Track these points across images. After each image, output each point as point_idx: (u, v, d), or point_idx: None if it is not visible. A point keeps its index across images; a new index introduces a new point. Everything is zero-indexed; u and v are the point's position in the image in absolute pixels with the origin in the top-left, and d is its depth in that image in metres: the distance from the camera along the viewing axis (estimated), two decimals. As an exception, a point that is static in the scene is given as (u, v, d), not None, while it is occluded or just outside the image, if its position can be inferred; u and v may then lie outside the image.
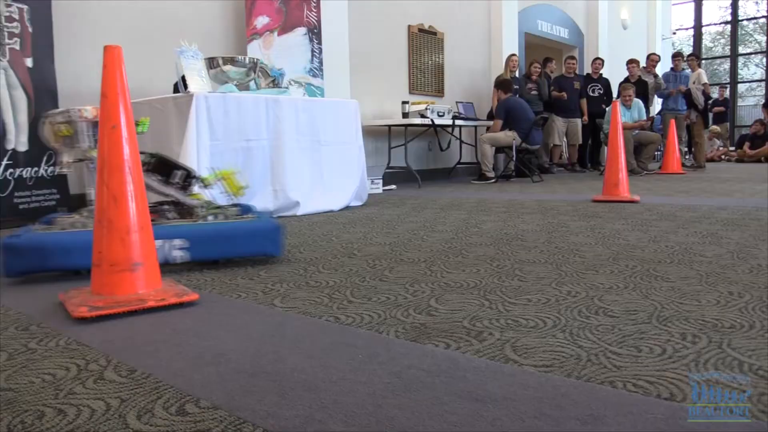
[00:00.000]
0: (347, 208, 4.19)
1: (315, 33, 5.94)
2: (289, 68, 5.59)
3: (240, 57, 4.12)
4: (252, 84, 4.20)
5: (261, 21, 5.61)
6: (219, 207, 2.50)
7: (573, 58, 8.83)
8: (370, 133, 6.74)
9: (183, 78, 3.82)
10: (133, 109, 4.01)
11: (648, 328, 1.38)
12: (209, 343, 1.37)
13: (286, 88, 4.35)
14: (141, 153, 2.38)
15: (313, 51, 5.92)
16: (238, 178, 2.55)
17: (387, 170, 6.52)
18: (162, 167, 2.44)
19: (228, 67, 4.01)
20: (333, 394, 1.06)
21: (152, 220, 2.15)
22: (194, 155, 3.43)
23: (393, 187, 6.25)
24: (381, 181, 5.76)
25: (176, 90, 3.94)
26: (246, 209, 2.57)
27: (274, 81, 4.35)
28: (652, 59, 9.07)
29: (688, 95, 8.78)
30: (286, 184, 3.83)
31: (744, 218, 3.27)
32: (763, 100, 14.23)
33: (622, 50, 12.06)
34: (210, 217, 2.39)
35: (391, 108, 6.91)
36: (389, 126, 6.64)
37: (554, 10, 10.54)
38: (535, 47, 10.30)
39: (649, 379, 1.09)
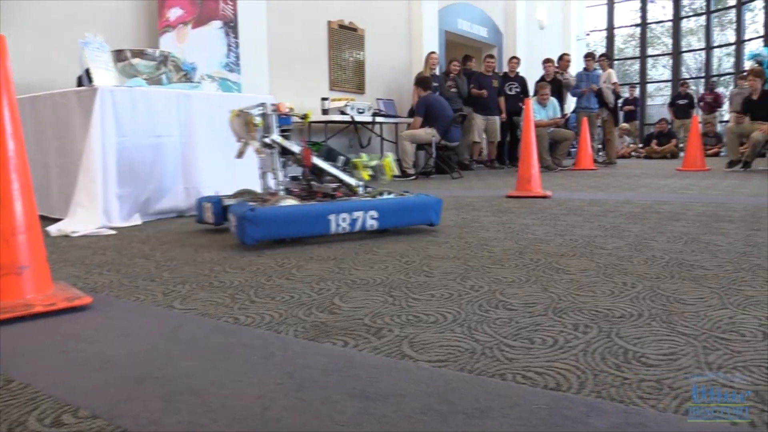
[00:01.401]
0: (263, 205, 4.12)
1: (231, 27, 5.81)
2: (204, 62, 5.44)
3: (150, 50, 3.98)
4: (163, 78, 4.06)
5: (174, 13, 5.45)
6: (370, 187, 2.92)
7: (492, 56, 9.04)
8: (289, 129, 6.65)
9: (87, 71, 3.65)
10: (36, 102, 3.81)
11: (543, 320, 1.42)
12: (98, 348, 1.31)
13: (199, 83, 4.23)
14: (308, 142, 2.94)
15: (229, 45, 5.80)
16: (392, 165, 3.00)
17: (307, 167, 6.46)
18: (328, 154, 2.88)
19: (137, 60, 3.86)
20: (221, 397, 1.03)
21: (340, 197, 2.77)
22: (99, 151, 3.28)
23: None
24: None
25: (80, 84, 3.76)
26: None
27: (187, 75, 4.22)
28: (565, 59, 9.39)
29: (599, 94, 9.15)
30: (199, 183, 3.72)
31: (645, 212, 3.43)
32: (670, 100, 15.02)
33: (540, 50, 12.43)
34: (388, 194, 2.86)
35: (310, 104, 6.84)
36: (309, 122, 6.58)
37: (474, 9, 10.74)
38: (456, 45, 10.47)
39: (538, 370, 1.11)
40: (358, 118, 6.63)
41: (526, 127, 4.47)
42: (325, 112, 6.48)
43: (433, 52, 8.10)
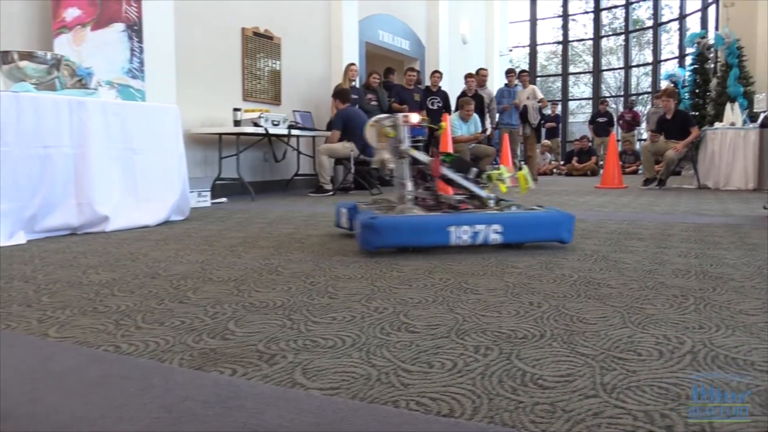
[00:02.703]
0: (165, 223, 4.00)
1: (135, 30, 5.65)
2: (104, 68, 5.26)
3: (40, 52, 3.80)
4: (56, 83, 3.89)
5: (71, 13, 5.24)
6: (503, 200, 3.08)
7: (413, 69, 9.17)
8: (199, 141, 6.53)
9: (-33, 74, 3.46)
10: None
11: (445, 343, 1.43)
12: (-48, 384, 1.22)
13: (95, 89, 4.07)
14: (442, 153, 3.10)
15: (132, 50, 5.62)
16: (526, 178, 3.17)
17: (217, 182, 6.34)
18: (459, 165, 3.04)
19: (24, 63, 3.69)
20: (88, 435, 0.98)
21: (465, 209, 2.92)
22: (-23, 163, 3.10)
23: (223, 200, 6.09)
24: (209, 194, 5.58)
25: (-43, 87, 3.55)
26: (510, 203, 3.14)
27: (82, 81, 4.06)
28: (482, 74, 9.62)
29: (524, 111, 9.45)
30: (93, 197, 3.57)
31: (560, 230, 3.55)
32: (590, 117, 15.70)
33: (463, 64, 12.76)
34: (513, 208, 2.97)
35: (222, 115, 6.74)
36: (220, 134, 6.47)
37: (395, 21, 10.90)
38: (376, 57, 10.59)
39: (432, 396, 1.12)
40: (273, 130, 6.56)
41: (443, 143, 4.55)
42: (237, 123, 6.38)
43: (352, 64, 8.15)
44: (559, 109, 16.77)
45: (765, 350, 1.35)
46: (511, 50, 18.67)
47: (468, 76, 9.43)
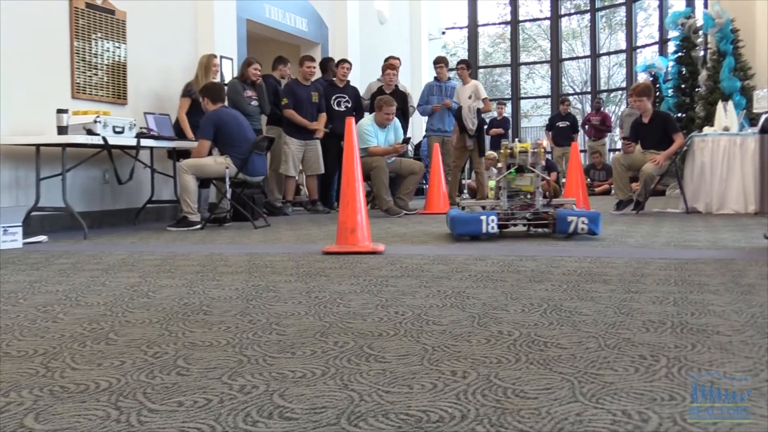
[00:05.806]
0: (-47, 273, 3.85)
1: None
2: None
3: None
4: None
5: None
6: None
7: (312, 59, 9.20)
8: (7, 156, 6.34)
9: None
10: None
11: (330, 432, 1.42)
12: None
13: None
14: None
15: None
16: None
17: (35, 213, 6.16)
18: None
19: None
20: None
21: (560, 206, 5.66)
22: None
23: (42, 238, 5.90)
24: (20, 230, 5.40)
25: None
26: None
27: None
28: (391, 64, 9.72)
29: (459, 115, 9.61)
30: None
31: (502, 271, 3.63)
32: (548, 122, 16.19)
33: (380, 51, 12.94)
34: (573, 207, 5.72)
35: (42, 119, 6.56)
36: (38, 146, 6.28)
37: (288, -8, 10.99)
38: (263, 41, 10.64)
39: None
40: (115, 140, 6.43)
41: (347, 157, 4.58)
42: (63, 130, 6.20)
43: (213, 56, 8.02)
44: (508, 110, 17.27)
45: (749, 426, 1.40)
46: (444, 33, 19.16)
47: (387, 66, 9.58)
